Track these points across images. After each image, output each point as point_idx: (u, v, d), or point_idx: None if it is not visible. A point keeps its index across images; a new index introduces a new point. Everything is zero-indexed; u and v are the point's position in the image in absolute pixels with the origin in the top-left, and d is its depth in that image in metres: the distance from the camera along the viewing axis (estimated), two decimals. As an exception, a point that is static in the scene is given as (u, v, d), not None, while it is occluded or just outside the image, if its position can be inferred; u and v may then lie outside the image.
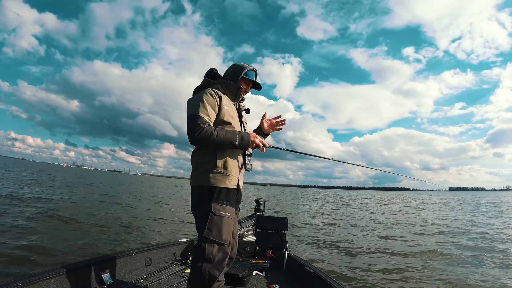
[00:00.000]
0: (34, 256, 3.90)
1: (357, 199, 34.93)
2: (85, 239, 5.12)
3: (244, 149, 1.63)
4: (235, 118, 1.65)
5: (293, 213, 13.61)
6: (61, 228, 5.86)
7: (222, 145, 1.52)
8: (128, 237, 5.66)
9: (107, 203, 10.86)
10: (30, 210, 7.16)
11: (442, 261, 5.23)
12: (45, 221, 6.26)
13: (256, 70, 1.79)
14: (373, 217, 12.95)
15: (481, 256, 5.50)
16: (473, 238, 7.46)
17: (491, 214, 14.96)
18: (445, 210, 18.47)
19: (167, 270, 2.45)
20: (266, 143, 1.71)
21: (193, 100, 1.59)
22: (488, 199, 39.96)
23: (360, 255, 5.52)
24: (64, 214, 7.06)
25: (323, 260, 5.05)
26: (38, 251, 4.17)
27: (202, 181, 1.54)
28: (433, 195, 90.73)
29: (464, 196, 63.78)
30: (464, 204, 24.23)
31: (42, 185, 16.00)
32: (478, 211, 17.42)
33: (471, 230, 8.80)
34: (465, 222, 11.34)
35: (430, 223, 10.90)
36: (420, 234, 8.16)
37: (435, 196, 60.58)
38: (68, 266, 1.88)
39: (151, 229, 6.77)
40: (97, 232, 5.86)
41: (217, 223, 1.50)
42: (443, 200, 26.59)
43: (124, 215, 8.24)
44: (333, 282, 1.99)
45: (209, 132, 1.46)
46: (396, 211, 16.69)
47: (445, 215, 14.25)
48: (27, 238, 4.75)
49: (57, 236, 5.13)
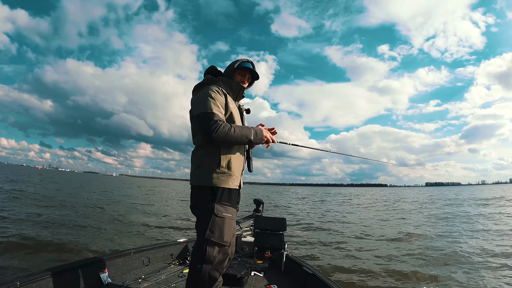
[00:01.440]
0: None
1: (337, 198, 33.24)
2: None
3: (257, 144, 1.60)
4: (237, 117, 1.60)
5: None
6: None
7: (239, 141, 1.48)
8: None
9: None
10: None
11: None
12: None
13: (252, 61, 1.74)
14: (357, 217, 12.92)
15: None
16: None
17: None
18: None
19: (165, 270, 2.45)
20: (275, 139, 1.70)
21: (200, 97, 1.50)
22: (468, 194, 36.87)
23: (357, 255, 5.53)
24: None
25: (321, 260, 5.06)
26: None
27: (204, 181, 1.48)
28: (413, 190, 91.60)
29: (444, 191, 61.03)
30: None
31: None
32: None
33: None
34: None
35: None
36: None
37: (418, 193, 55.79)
38: (66, 265, 1.88)
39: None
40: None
41: (219, 225, 1.45)
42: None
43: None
44: (331, 283, 1.99)
45: (227, 128, 1.40)
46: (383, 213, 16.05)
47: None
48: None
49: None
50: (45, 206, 9.60)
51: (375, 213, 14.41)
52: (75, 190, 18.87)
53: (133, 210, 11.06)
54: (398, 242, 6.89)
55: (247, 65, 1.71)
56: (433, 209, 16.10)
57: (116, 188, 27.80)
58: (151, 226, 7.75)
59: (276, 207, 16.58)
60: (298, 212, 14.41)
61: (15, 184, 18.05)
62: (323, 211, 15.27)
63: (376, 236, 7.64)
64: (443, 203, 20.79)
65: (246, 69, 1.71)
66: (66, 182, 29.17)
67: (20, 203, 9.69)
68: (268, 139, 1.63)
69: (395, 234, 7.76)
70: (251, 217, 4.01)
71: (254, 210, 4.22)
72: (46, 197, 12.34)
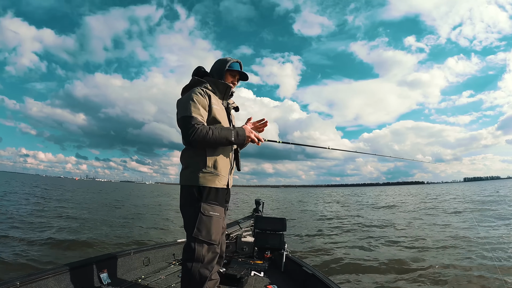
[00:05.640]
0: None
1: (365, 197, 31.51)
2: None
3: (240, 144, 1.62)
4: (223, 117, 1.64)
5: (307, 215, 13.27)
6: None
7: (218, 143, 1.51)
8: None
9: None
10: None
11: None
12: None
13: (240, 61, 1.77)
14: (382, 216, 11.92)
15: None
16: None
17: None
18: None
19: (165, 270, 2.45)
20: (261, 137, 1.70)
21: (183, 101, 1.57)
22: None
23: (360, 257, 5.52)
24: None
25: (321, 261, 5.06)
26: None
27: (192, 180, 1.53)
28: (451, 186, 78.59)
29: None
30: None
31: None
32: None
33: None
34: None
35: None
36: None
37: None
38: (66, 265, 1.88)
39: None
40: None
41: (206, 223, 1.50)
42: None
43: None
44: (331, 283, 1.99)
45: (204, 131, 1.45)
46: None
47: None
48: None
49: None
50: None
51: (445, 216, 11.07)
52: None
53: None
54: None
55: (237, 67, 1.76)
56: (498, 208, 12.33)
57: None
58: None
59: (304, 212, 14.30)
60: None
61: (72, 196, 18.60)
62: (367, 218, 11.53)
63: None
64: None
65: (236, 71, 1.76)
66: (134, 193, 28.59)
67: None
68: (253, 138, 1.63)
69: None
70: (251, 217, 4.01)
71: (254, 210, 4.21)
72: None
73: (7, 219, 7.67)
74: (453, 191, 35.93)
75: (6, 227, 6.56)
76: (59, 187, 33.94)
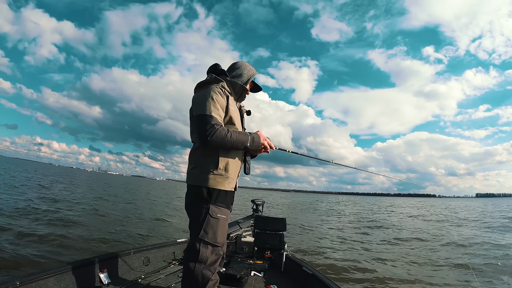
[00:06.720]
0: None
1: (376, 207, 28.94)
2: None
3: (253, 150, 1.60)
4: (238, 120, 1.61)
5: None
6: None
7: (234, 147, 1.49)
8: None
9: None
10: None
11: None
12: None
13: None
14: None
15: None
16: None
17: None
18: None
19: (165, 270, 2.45)
20: (272, 145, 1.69)
21: (201, 97, 1.51)
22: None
23: (362, 259, 5.52)
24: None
25: (323, 261, 5.06)
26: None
27: (201, 181, 1.49)
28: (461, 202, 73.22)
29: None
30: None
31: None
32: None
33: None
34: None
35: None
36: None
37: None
38: (66, 265, 1.87)
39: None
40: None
41: (213, 226, 1.47)
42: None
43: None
44: (331, 283, 1.99)
45: (223, 133, 1.41)
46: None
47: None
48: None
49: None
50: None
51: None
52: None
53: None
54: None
55: (257, 81, 1.81)
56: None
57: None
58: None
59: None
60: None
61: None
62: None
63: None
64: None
65: (255, 83, 1.81)
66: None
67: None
68: (266, 145, 1.62)
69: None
70: (251, 217, 4.01)
71: (254, 210, 4.21)
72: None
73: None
74: (463, 207, 32.15)
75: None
76: (72, 178, 32.16)
